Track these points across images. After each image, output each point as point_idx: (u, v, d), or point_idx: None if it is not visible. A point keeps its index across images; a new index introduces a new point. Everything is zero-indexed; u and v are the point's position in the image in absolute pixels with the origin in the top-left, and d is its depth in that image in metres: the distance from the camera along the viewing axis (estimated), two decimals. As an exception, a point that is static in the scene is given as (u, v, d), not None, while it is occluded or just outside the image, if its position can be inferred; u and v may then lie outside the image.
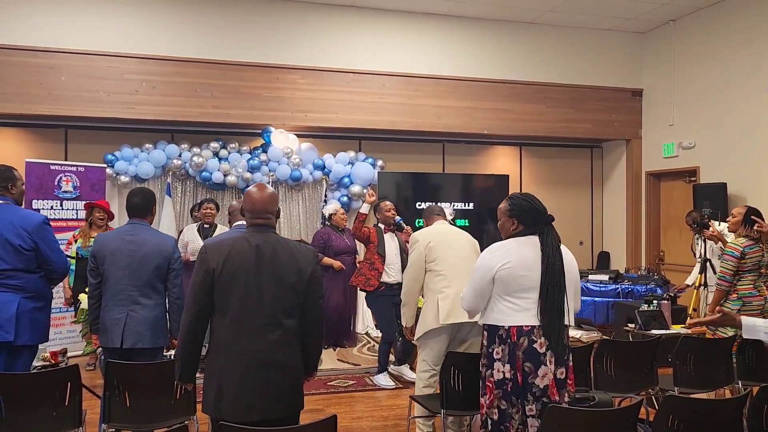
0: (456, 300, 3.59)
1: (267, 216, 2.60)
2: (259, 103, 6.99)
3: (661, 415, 2.67)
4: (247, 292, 2.46)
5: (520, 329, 2.64)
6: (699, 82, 7.39)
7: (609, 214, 8.76)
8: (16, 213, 3.41)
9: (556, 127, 7.96)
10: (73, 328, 5.96)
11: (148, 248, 3.36)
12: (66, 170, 6.22)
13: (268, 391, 2.46)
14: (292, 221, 7.57)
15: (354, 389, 5.24)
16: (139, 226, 3.44)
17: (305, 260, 2.57)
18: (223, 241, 2.60)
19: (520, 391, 2.63)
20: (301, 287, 2.54)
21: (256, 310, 2.47)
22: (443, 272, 3.71)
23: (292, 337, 2.54)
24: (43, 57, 6.35)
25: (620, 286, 6.99)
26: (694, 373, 3.88)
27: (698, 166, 7.39)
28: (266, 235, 2.56)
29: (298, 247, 2.62)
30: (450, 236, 3.87)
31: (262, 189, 2.64)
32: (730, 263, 4.33)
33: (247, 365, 2.44)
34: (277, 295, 2.49)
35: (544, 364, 2.62)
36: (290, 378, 2.53)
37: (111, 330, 3.31)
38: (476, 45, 7.75)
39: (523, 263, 2.67)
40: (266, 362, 2.46)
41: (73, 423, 2.99)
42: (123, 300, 3.32)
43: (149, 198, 3.51)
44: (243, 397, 2.43)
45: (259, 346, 2.45)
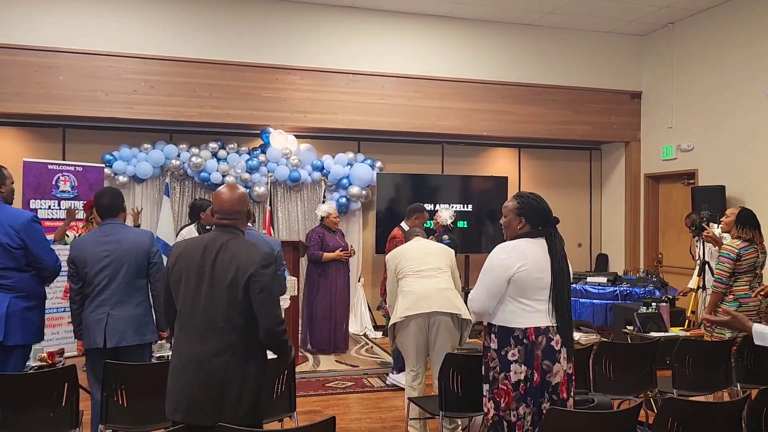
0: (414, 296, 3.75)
1: (234, 217, 2.55)
2: (258, 104, 6.98)
3: (661, 418, 2.66)
4: (187, 293, 2.46)
5: (538, 329, 2.64)
6: (698, 85, 7.39)
7: (608, 217, 8.76)
8: (4, 211, 3.38)
9: (555, 129, 7.96)
10: (69, 328, 5.92)
11: (125, 246, 3.35)
12: (64, 170, 6.20)
13: (194, 395, 2.40)
14: (290, 222, 7.55)
15: (352, 390, 5.23)
16: (112, 225, 3.42)
17: (249, 261, 2.42)
18: (182, 241, 2.65)
19: (536, 391, 2.63)
20: (238, 292, 2.40)
21: (194, 312, 2.44)
22: (406, 273, 3.90)
23: (234, 344, 2.41)
24: (42, 56, 6.33)
25: (619, 288, 6.99)
26: (693, 376, 3.87)
27: (697, 169, 7.40)
28: (220, 235, 2.51)
29: (246, 248, 2.48)
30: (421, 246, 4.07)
31: (233, 189, 2.60)
32: (726, 265, 4.33)
33: (181, 365, 2.44)
34: (213, 297, 2.42)
35: (558, 362, 2.65)
36: (222, 386, 2.39)
37: (93, 331, 3.29)
38: (476, 46, 7.75)
39: (537, 265, 2.67)
40: (197, 366, 2.40)
41: (71, 424, 2.98)
42: (104, 301, 3.31)
43: (117, 197, 3.51)
44: (173, 395, 2.45)
45: (196, 349, 2.42)
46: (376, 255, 7.72)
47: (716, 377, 3.95)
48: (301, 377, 5.32)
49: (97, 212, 3.51)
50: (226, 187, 2.63)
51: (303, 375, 5.50)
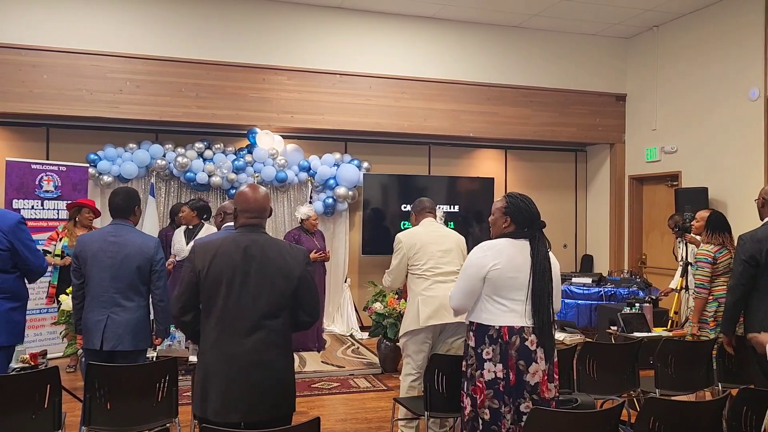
0: (437, 303, 3.61)
1: (260, 216, 2.60)
2: (245, 104, 6.96)
3: (643, 417, 2.69)
4: (231, 293, 2.45)
5: (512, 329, 2.67)
6: (681, 88, 7.48)
7: (593, 218, 8.84)
8: None
9: (541, 130, 8.02)
10: (53, 329, 5.88)
11: (130, 249, 3.32)
12: (47, 170, 6.14)
13: (251, 393, 2.44)
14: (276, 223, 7.53)
15: (338, 391, 5.23)
16: (121, 226, 3.40)
17: (294, 261, 2.54)
18: (212, 241, 2.60)
19: (514, 390, 2.65)
20: (289, 290, 2.51)
21: (241, 312, 2.45)
22: (426, 274, 3.71)
23: (279, 338, 2.50)
24: (26, 55, 6.27)
25: (603, 289, 7.05)
26: (675, 376, 3.92)
27: (680, 171, 7.48)
28: (256, 236, 2.55)
29: (287, 248, 2.60)
30: (435, 237, 3.81)
31: (256, 189, 2.65)
32: (705, 270, 4.40)
33: (231, 366, 2.43)
34: (263, 296, 2.47)
35: (535, 362, 2.66)
36: (275, 379, 2.49)
37: (92, 331, 3.28)
38: (463, 48, 7.78)
39: (512, 265, 2.70)
40: (250, 363, 2.44)
41: (53, 426, 2.95)
42: (105, 301, 3.28)
43: (132, 198, 3.46)
44: (226, 397, 2.42)
45: (244, 347, 2.44)
46: (363, 256, 7.73)
47: (698, 377, 4.00)
48: (287, 378, 5.31)
49: (110, 210, 3.46)
50: (249, 187, 2.67)
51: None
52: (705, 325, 4.42)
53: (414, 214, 4.04)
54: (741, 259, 3.64)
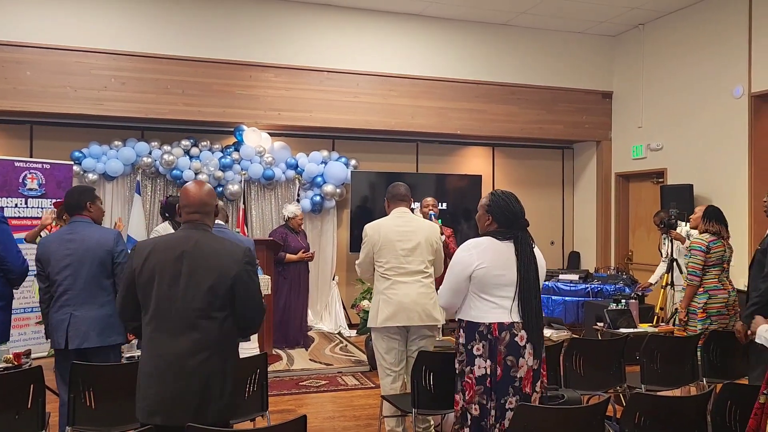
0: (396, 305, 3.58)
1: (203, 210, 2.51)
2: (232, 101, 6.92)
3: (628, 412, 2.71)
4: (161, 291, 2.38)
5: (501, 325, 2.68)
6: (667, 85, 7.54)
7: (579, 215, 8.89)
8: None
9: (528, 128, 8.05)
10: (37, 328, 5.82)
11: (88, 244, 3.28)
12: (31, 167, 6.07)
13: (173, 395, 2.35)
14: (264, 220, 7.50)
15: (326, 389, 5.22)
16: (78, 223, 3.36)
17: (231, 259, 2.43)
18: (152, 239, 2.60)
19: (500, 386, 2.66)
20: (222, 289, 2.39)
21: (170, 311, 2.38)
22: (387, 273, 3.64)
23: (213, 340, 2.39)
24: (8, 51, 6.19)
25: (590, 285, 7.10)
26: (661, 371, 3.95)
27: (666, 168, 7.54)
28: (194, 233, 2.47)
29: (227, 246, 2.48)
30: (401, 233, 3.67)
31: (200, 185, 2.58)
32: (698, 257, 4.47)
33: (159, 366, 2.36)
34: (194, 295, 2.38)
35: (522, 357, 2.68)
36: (201, 384, 2.36)
37: (57, 331, 3.24)
38: (450, 45, 7.78)
39: (497, 263, 2.71)
40: (179, 365, 2.35)
41: (37, 426, 2.92)
42: (67, 300, 3.25)
43: (82, 194, 3.42)
44: (151, 398, 2.37)
45: (173, 349, 2.36)
46: (351, 253, 7.71)
47: (683, 372, 4.03)
48: (274, 376, 5.29)
49: (65, 210, 3.45)
50: (193, 182, 2.61)
51: (276, 374, 5.48)
52: (694, 316, 4.47)
53: (387, 202, 3.86)
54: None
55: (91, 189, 3.56)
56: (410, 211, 3.82)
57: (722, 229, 4.54)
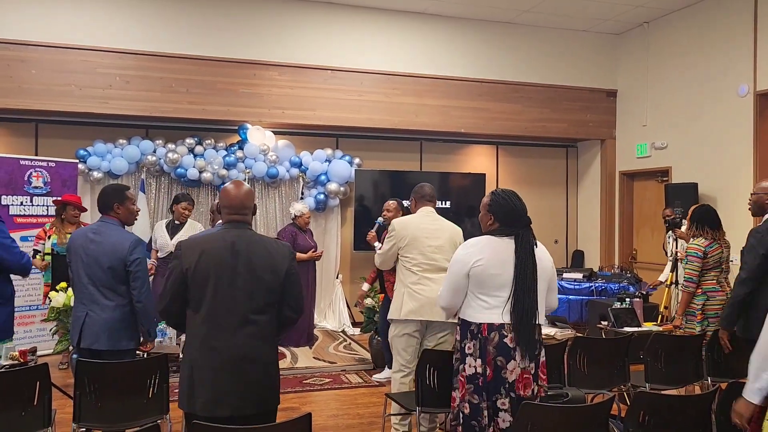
0: (423, 299, 3.61)
1: (243, 212, 2.60)
2: (236, 100, 6.93)
3: (633, 411, 2.71)
4: (220, 289, 2.46)
5: (491, 325, 2.67)
6: (672, 84, 7.52)
7: (583, 213, 8.88)
8: None
9: (532, 126, 8.04)
10: (43, 326, 5.85)
11: (103, 248, 3.25)
12: (36, 165, 6.09)
13: (240, 387, 2.45)
14: (268, 219, 7.52)
15: (330, 387, 5.23)
16: (104, 224, 3.36)
17: (281, 257, 2.56)
18: (197, 239, 2.61)
19: (491, 386, 2.65)
20: (276, 285, 2.53)
21: (229, 307, 2.46)
22: (414, 269, 3.69)
23: (267, 333, 2.53)
24: (13, 50, 6.20)
25: (594, 284, 7.09)
26: (665, 370, 3.94)
27: (670, 167, 7.52)
28: (242, 232, 2.56)
29: (274, 245, 2.62)
30: (429, 230, 3.75)
31: (239, 185, 2.65)
32: (695, 264, 4.39)
33: (219, 360, 2.44)
34: (251, 292, 2.48)
35: (513, 359, 2.65)
36: (263, 373, 2.51)
37: (74, 327, 3.29)
38: (454, 44, 7.78)
39: (495, 261, 2.69)
40: (238, 358, 2.45)
41: (43, 423, 2.93)
42: (84, 298, 3.27)
43: (110, 195, 3.37)
44: (214, 392, 2.43)
45: (232, 342, 2.45)
46: (355, 252, 7.72)
47: (687, 371, 4.03)
48: (278, 374, 5.30)
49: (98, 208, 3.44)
50: (233, 183, 2.66)
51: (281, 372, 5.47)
52: (692, 317, 4.44)
53: (414, 200, 3.97)
54: (760, 253, 3.61)
55: (123, 189, 3.44)
56: (435, 211, 3.92)
57: (715, 233, 4.43)
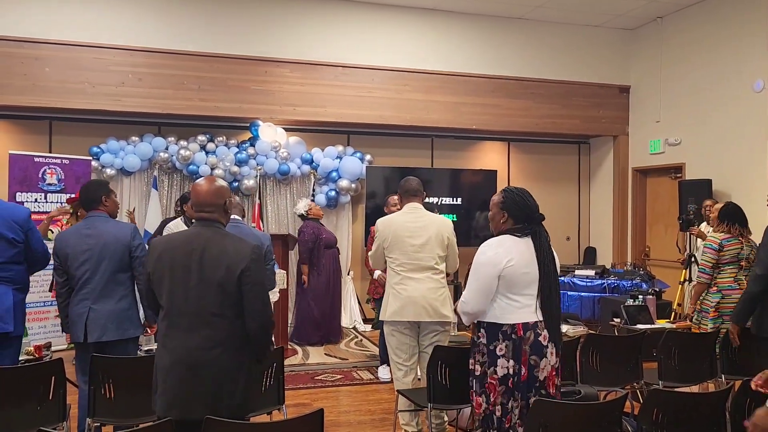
0: (404, 299, 3.61)
1: (209, 210, 2.51)
2: (247, 97, 6.95)
3: (646, 409, 2.70)
4: (174, 288, 2.42)
5: (526, 324, 2.66)
6: (686, 79, 7.44)
7: (596, 210, 8.82)
8: (3, 206, 3.40)
9: (544, 122, 7.99)
10: (56, 321, 5.90)
11: (106, 239, 3.32)
12: (50, 162, 6.14)
13: (187, 390, 2.38)
14: (279, 216, 7.54)
15: (341, 383, 5.24)
16: (95, 218, 3.40)
17: (238, 256, 2.42)
18: (162, 238, 2.63)
19: (524, 385, 2.65)
20: (230, 286, 2.40)
21: (182, 307, 2.42)
22: (397, 269, 3.68)
23: (225, 337, 2.41)
24: (28, 48, 6.25)
25: (606, 281, 7.04)
26: (679, 368, 3.92)
27: (684, 163, 7.46)
28: (203, 230, 2.49)
29: (234, 243, 2.48)
30: (412, 229, 3.67)
31: (210, 182, 2.57)
32: (709, 255, 4.40)
33: (173, 361, 2.40)
34: (204, 292, 2.40)
35: (545, 357, 2.67)
36: (216, 380, 2.39)
37: (76, 324, 3.30)
38: (465, 40, 7.75)
39: (523, 260, 2.69)
40: (191, 360, 2.38)
41: (58, 417, 2.97)
42: (86, 294, 3.30)
43: (98, 188, 3.46)
44: (167, 392, 2.40)
45: (188, 344, 2.40)
46: (366, 248, 7.71)
47: (701, 369, 4.00)
48: (290, 370, 5.32)
49: (82, 205, 3.50)
50: (204, 179, 2.60)
51: (292, 368, 5.51)
52: (705, 314, 4.41)
53: (399, 196, 3.88)
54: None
55: (106, 183, 3.61)
56: (422, 206, 3.82)
57: (741, 230, 4.42)
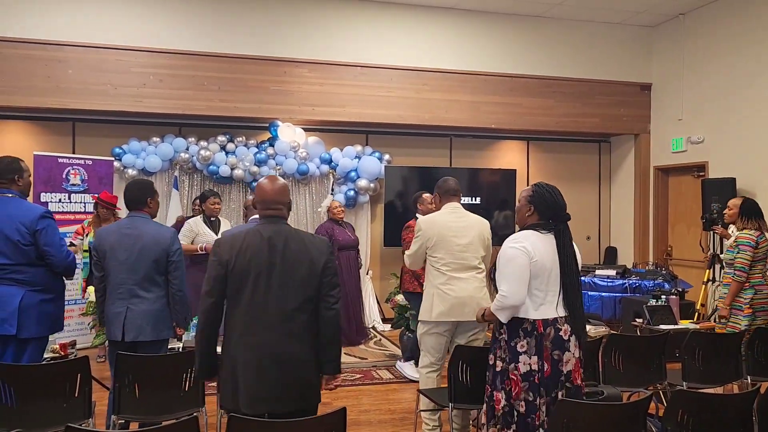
0: (452, 300, 3.60)
1: (278, 207, 2.59)
2: (267, 97, 6.99)
3: (671, 410, 2.66)
4: (258, 284, 2.46)
5: (546, 321, 2.67)
6: (709, 77, 7.33)
7: (616, 209, 8.73)
8: (18, 207, 3.40)
9: (564, 121, 7.93)
10: (81, 320, 5.99)
11: (145, 241, 3.34)
12: (74, 163, 6.23)
13: (277, 385, 2.44)
14: (299, 215, 7.57)
15: (361, 383, 5.25)
16: (137, 218, 3.43)
17: (318, 252, 2.55)
18: (236, 234, 2.61)
19: (550, 381, 2.65)
20: (314, 280, 2.51)
21: (266, 302, 2.46)
22: (443, 269, 3.67)
23: (304, 331, 2.50)
24: (51, 50, 6.35)
25: (628, 281, 6.96)
26: (703, 368, 3.86)
27: (707, 161, 7.35)
28: (278, 227, 2.56)
29: (311, 239, 2.60)
30: (456, 228, 3.70)
31: (274, 180, 2.64)
32: (747, 254, 4.35)
33: (256, 357, 2.44)
34: (289, 288, 2.47)
35: (568, 350, 2.67)
36: (300, 371, 2.49)
37: (113, 323, 3.33)
38: (484, 38, 7.71)
39: (547, 256, 2.71)
40: (275, 354, 2.44)
41: (84, 414, 3.01)
42: (123, 293, 3.33)
43: (144, 190, 3.47)
44: (251, 388, 2.43)
45: (270, 338, 2.45)
46: (385, 248, 7.72)
47: (726, 370, 3.94)
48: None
49: (125, 203, 3.51)
50: (268, 178, 2.66)
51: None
52: (738, 311, 4.36)
53: (438, 196, 3.87)
54: None
55: (151, 184, 3.58)
56: (461, 206, 3.85)
57: (762, 224, 4.44)
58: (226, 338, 2.54)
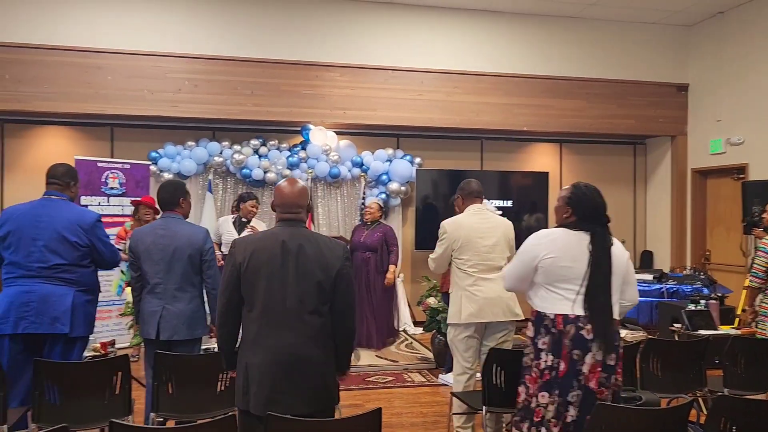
0: (481, 301, 3.59)
1: (296, 210, 2.57)
2: (299, 101, 7.06)
3: (713, 417, 2.60)
4: (271, 286, 2.45)
5: (566, 317, 2.61)
6: (749, 76, 7.15)
7: (652, 213, 8.56)
8: (72, 210, 3.54)
9: (598, 123, 7.82)
10: (119, 320, 6.12)
11: (180, 241, 3.41)
12: (112, 167, 6.38)
13: (291, 387, 2.42)
14: (330, 218, 7.61)
15: (392, 385, 5.25)
16: (170, 219, 3.50)
17: (333, 256, 2.52)
18: (251, 237, 2.62)
19: (564, 381, 2.59)
20: (328, 284, 2.48)
21: (280, 305, 2.44)
22: (470, 270, 3.66)
23: (319, 333, 2.48)
24: (91, 57, 6.53)
25: (665, 285, 6.82)
26: (744, 375, 3.76)
27: (747, 163, 7.16)
28: (294, 230, 2.53)
29: (327, 243, 2.57)
30: (481, 230, 3.69)
31: (293, 183, 2.61)
32: (762, 260, 4.25)
33: (271, 359, 2.42)
34: (301, 290, 2.45)
35: (590, 351, 2.59)
36: (315, 374, 2.46)
37: (148, 322, 3.41)
38: (515, 40, 7.66)
39: (567, 255, 2.65)
40: (290, 357, 2.42)
41: (124, 411, 3.07)
42: (159, 293, 3.40)
43: (176, 191, 3.55)
44: (266, 390, 2.42)
45: (284, 341, 2.43)
46: (416, 251, 7.71)
47: (769, 376, 3.83)
48: (342, 371, 5.36)
49: (158, 204, 3.60)
50: (287, 181, 2.64)
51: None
52: (765, 318, 4.24)
53: (461, 198, 3.85)
54: None
55: (183, 184, 3.68)
56: (483, 207, 3.83)
57: None
58: (242, 340, 2.54)
